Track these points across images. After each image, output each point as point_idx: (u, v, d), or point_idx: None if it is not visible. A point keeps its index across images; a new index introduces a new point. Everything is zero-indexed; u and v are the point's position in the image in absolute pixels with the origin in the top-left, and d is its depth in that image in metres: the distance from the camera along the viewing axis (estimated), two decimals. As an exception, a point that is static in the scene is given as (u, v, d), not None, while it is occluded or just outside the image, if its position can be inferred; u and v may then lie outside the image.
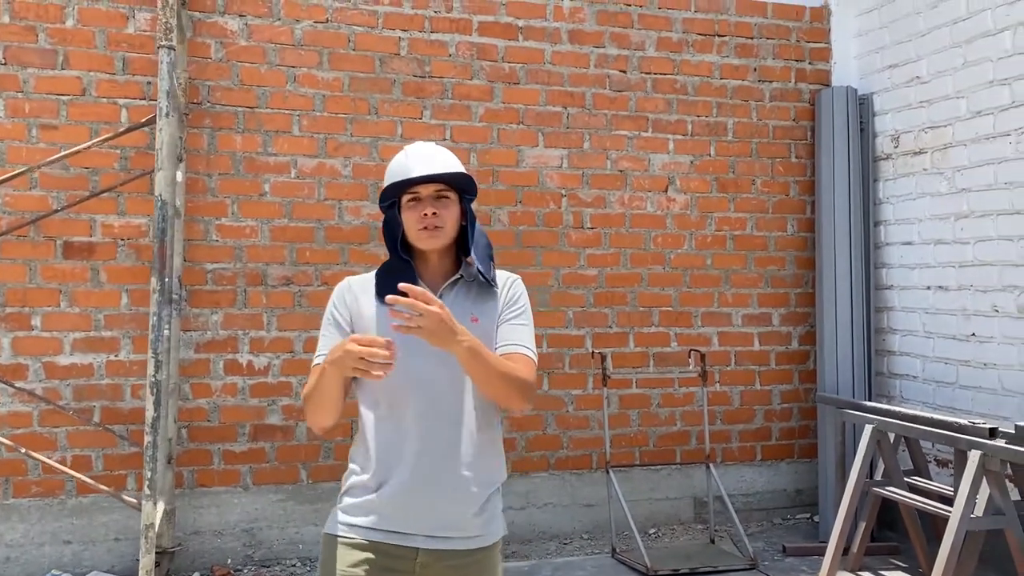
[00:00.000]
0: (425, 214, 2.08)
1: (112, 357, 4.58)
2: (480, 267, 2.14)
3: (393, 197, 2.15)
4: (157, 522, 3.42)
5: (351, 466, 2.14)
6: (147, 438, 3.28)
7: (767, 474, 5.63)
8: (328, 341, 2.11)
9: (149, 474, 3.30)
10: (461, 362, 1.94)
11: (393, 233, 2.15)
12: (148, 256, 4.55)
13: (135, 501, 3.41)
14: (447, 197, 2.13)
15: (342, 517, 2.09)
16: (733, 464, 5.56)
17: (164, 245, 3.40)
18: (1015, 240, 4.51)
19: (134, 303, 4.60)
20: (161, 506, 3.78)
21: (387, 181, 2.15)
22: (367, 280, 2.17)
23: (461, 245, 2.19)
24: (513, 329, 2.13)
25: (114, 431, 4.51)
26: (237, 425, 4.77)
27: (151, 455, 3.29)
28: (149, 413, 3.31)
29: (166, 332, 4.31)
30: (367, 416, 2.10)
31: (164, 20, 3.39)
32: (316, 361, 2.10)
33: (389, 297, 1.87)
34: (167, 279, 4.28)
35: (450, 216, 2.12)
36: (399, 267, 2.13)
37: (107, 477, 4.53)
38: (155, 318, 3.36)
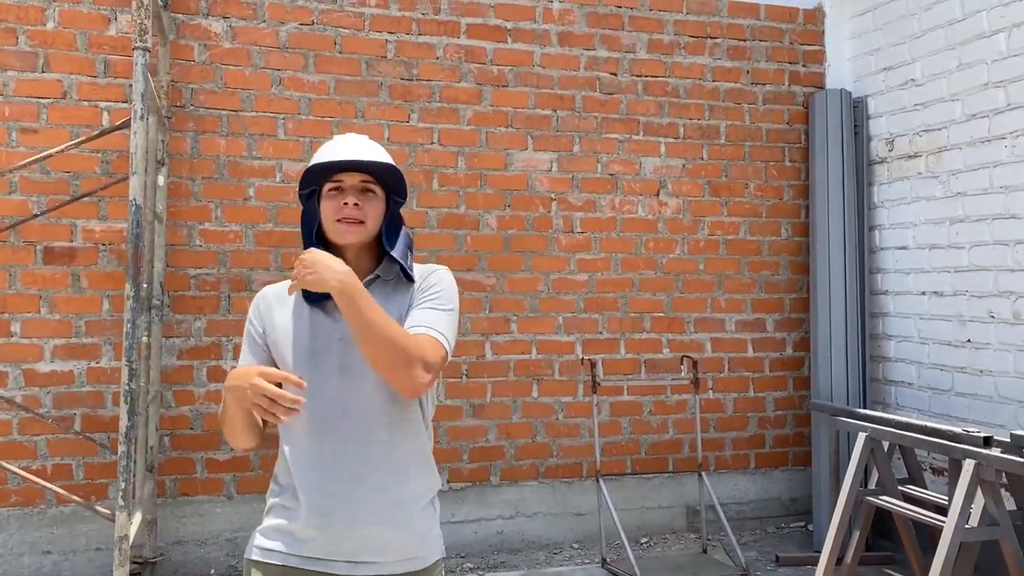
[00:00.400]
0: (345, 203, 1.92)
1: (93, 364, 4.51)
2: (403, 263, 1.99)
3: (314, 185, 1.99)
4: (132, 533, 3.35)
5: (271, 485, 2.01)
6: (121, 448, 3.21)
7: (761, 482, 5.55)
8: (244, 358, 2.00)
9: (123, 484, 3.23)
10: (340, 307, 1.80)
11: (309, 225, 1.99)
12: (130, 261, 4.48)
13: (108, 512, 3.34)
14: (372, 191, 1.98)
15: (259, 540, 1.96)
16: (726, 472, 5.48)
17: (138, 250, 3.33)
18: (1011, 245, 4.44)
19: (115, 309, 4.53)
20: (139, 517, 3.70)
21: (310, 165, 1.99)
22: (282, 288, 2.03)
23: (382, 246, 2.01)
24: (421, 312, 1.93)
25: (95, 439, 4.43)
26: (220, 433, 4.67)
27: (125, 465, 3.22)
28: (123, 422, 3.24)
29: (144, 339, 4.25)
30: (282, 434, 1.98)
31: (139, 21, 3.32)
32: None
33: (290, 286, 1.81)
34: (145, 285, 4.22)
35: (373, 211, 1.96)
36: None
37: (88, 486, 4.46)
38: (129, 325, 3.28)
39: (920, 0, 5.02)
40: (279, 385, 1.76)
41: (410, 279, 2.00)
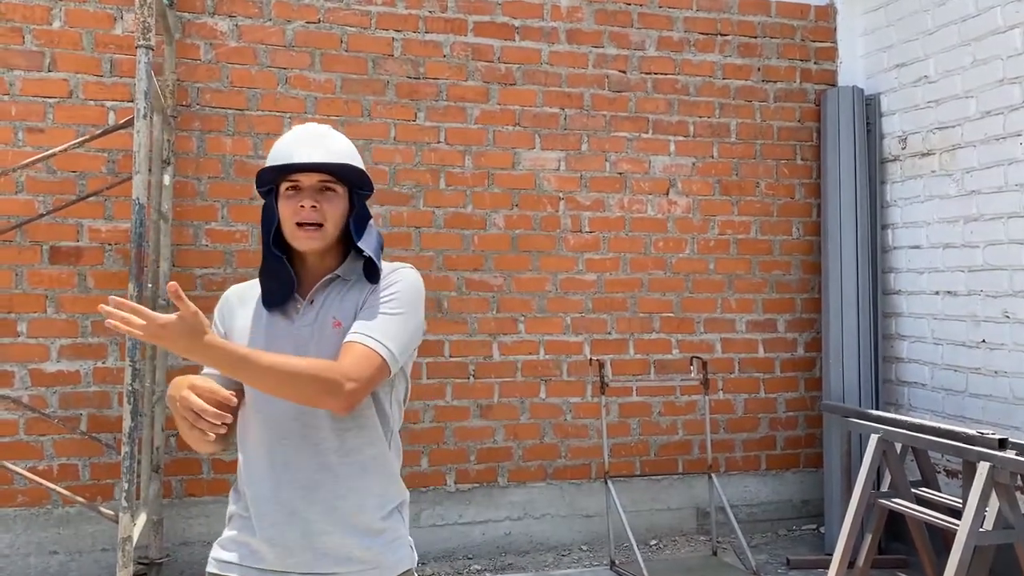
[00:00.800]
0: (302, 206, 1.83)
1: (99, 364, 4.50)
2: (373, 259, 1.89)
3: (271, 183, 1.90)
4: (136, 534, 3.33)
5: (231, 493, 1.96)
6: (124, 448, 3.19)
7: (772, 484, 5.49)
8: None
9: (127, 485, 3.21)
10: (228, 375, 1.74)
11: (268, 225, 1.90)
12: (136, 261, 4.47)
13: (112, 513, 3.32)
14: (332, 190, 1.87)
15: (217, 552, 1.91)
16: (737, 474, 5.43)
17: (142, 250, 3.31)
18: (1026, 243, 4.37)
19: (122, 309, 4.50)
20: (143, 518, 3.68)
21: (268, 163, 1.89)
22: (247, 288, 1.99)
23: (349, 242, 1.92)
24: (362, 319, 1.84)
25: (100, 440, 4.42)
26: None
27: (128, 466, 3.20)
28: (127, 423, 3.22)
29: (151, 339, 4.22)
30: (239, 441, 1.91)
31: (143, 19, 3.30)
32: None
33: (101, 307, 1.65)
34: (150, 285, 4.20)
35: (333, 212, 1.86)
36: (275, 268, 1.89)
37: (94, 487, 4.45)
38: (132, 325, 3.26)
39: (933, -5, 4.95)
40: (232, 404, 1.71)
41: (373, 280, 1.90)
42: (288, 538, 1.82)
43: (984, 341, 4.60)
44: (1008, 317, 4.46)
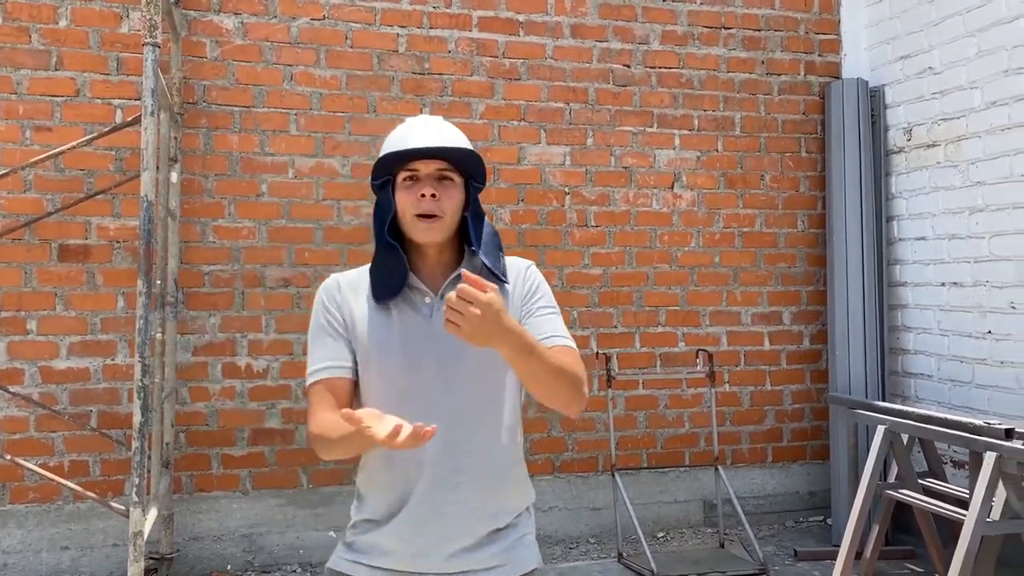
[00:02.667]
0: (423, 195, 1.79)
1: (109, 361, 4.53)
2: (486, 260, 1.85)
3: (388, 174, 1.85)
4: (147, 530, 3.35)
5: (357, 499, 1.94)
6: (135, 443, 3.22)
7: (778, 476, 5.50)
8: (325, 352, 1.84)
9: (137, 480, 3.23)
10: (508, 360, 1.66)
11: (383, 216, 1.85)
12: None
13: (123, 508, 3.34)
14: (450, 179, 1.83)
15: (343, 552, 1.89)
16: (743, 466, 5.44)
17: (150, 247, 3.34)
18: (1032, 234, 4.37)
19: (130, 306, 4.54)
20: (154, 513, 3.71)
21: (382, 153, 1.85)
22: (357, 278, 1.90)
23: (464, 236, 1.88)
24: (544, 321, 1.84)
25: (111, 436, 4.45)
26: (236, 429, 4.70)
27: (139, 461, 3.22)
28: (137, 418, 3.24)
29: (159, 336, 4.26)
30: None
31: (149, 17, 3.32)
32: (313, 377, 1.83)
33: (456, 290, 1.56)
34: (159, 282, 4.23)
35: (451, 202, 1.82)
36: (390, 260, 1.84)
37: (104, 482, 4.48)
38: (141, 321, 3.29)
39: (938, -13, 4.95)
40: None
41: (499, 278, 1.86)
42: (427, 538, 1.80)
43: (990, 332, 4.61)
44: (1014, 308, 4.47)
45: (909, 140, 5.21)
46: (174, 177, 4.50)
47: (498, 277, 1.85)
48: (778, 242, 5.52)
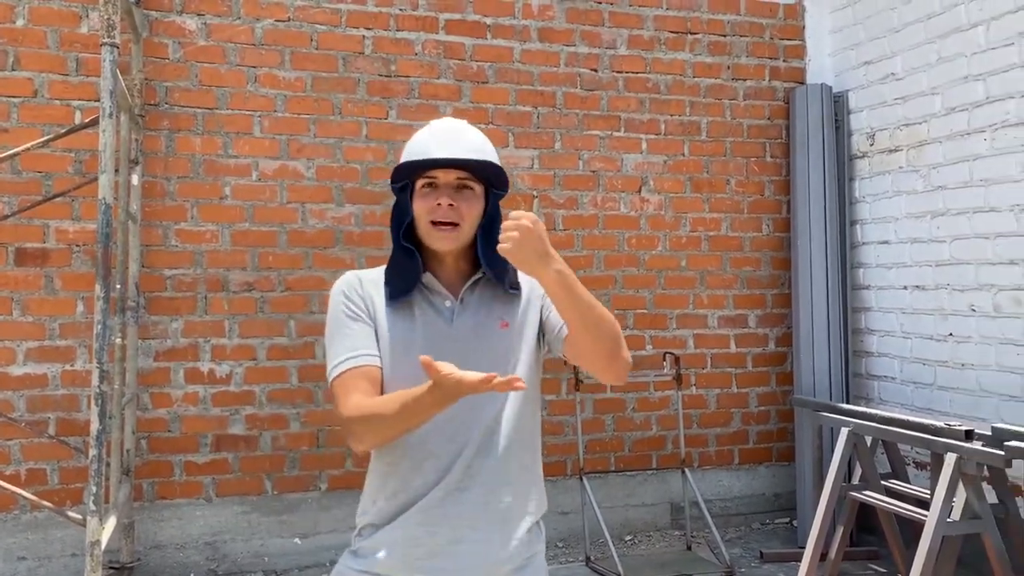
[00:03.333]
0: (439, 204, 1.79)
1: (67, 367, 4.44)
2: (496, 268, 1.85)
3: (407, 179, 1.85)
4: (104, 539, 3.28)
5: (364, 501, 1.90)
6: (92, 451, 3.15)
7: (745, 478, 5.53)
8: (353, 341, 1.80)
9: (95, 489, 3.17)
10: (554, 289, 1.67)
11: (400, 220, 1.86)
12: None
13: (80, 517, 3.27)
14: (470, 188, 1.81)
15: (350, 560, 1.85)
16: (710, 468, 5.46)
17: (108, 251, 3.28)
18: (991, 238, 4.44)
19: (90, 311, 4.45)
20: (113, 521, 3.64)
21: (403, 159, 1.85)
22: (378, 276, 1.90)
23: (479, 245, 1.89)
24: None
25: (69, 443, 4.36)
26: (199, 435, 4.63)
27: (96, 469, 3.16)
28: (94, 426, 3.18)
29: (119, 341, 4.18)
30: (389, 449, 1.85)
31: (107, 17, 3.26)
32: (344, 365, 1.78)
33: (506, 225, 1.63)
34: (119, 286, 4.16)
35: (470, 211, 1.81)
36: (406, 263, 1.85)
37: (63, 491, 4.39)
38: (100, 326, 3.22)
39: (899, -6, 5.01)
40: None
41: (515, 286, 1.88)
42: (437, 540, 1.79)
43: (951, 334, 4.67)
44: (974, 310, 4.53)
45: (872, 145, 5.27)
46: (135, 180, 4.43)
47: (515, 287, 1.88)
48: (744, 246, 5.55)
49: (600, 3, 5.30)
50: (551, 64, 5.22)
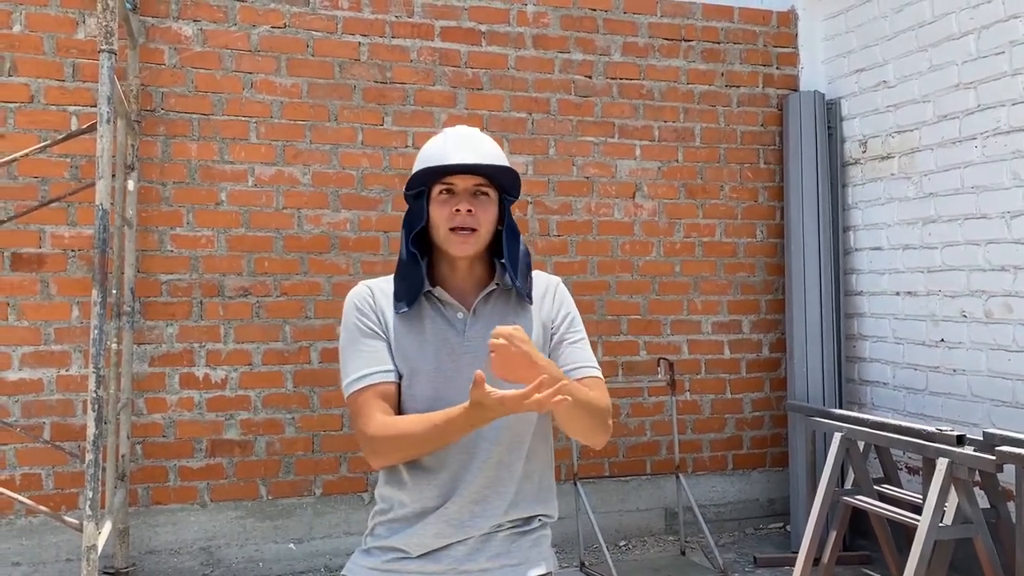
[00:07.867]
0: (458, 210, 1.80)
1: (63, 372, 4.44)
2: (516, 279, 1.87)
3: (422, 185, 1.86)
4: (100, 544, 3.29)
5: (380, 504, 1.92)
6: (89, 456, 3.15)
7: (739, 484, 5.55)
8: (369, 357, 1.82)
9: (91, 494, 3.17)
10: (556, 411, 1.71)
11: (413, 226, 1.86)
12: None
13: (76, 522, 3.28)
14: (485, 194, 1.84)
15: (362, 560, 1.88)
16: (704, 474, 5.48)
17: (105, 256, 3.28)
18: (982, 244, 4.47)
19: (85, 316, 4.46)
20: (108, 526, 3.64)
21: (418, 165, 1.86)
22: (388, 287, 1.91)
23: (495, 251, 1.91)
24: (576, 349, 1.90)
25: (64, 448, 4.35)
26: (194, 440, 4.63)
27: (92, 474, 3.16)
28: (91, 431, 3.18)
29: (114, 346, 4.19)
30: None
31: (105, 23, 3.27)
32: (361, 383, 1.81)
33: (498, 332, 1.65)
34: (114, 291, 4.17)
35: (486, 217, 1.84)
36: (412, 270, 1.86)
37: (58, 496, 4.39)
38: (96, 331, 3.23)
39: (891, 2, 5.05)
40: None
41: (527, 297, 1.90)
42: (449, 551, 1.83)
43: (943, 340, 4.70)
44: (965, 316, 4.56)
45: (864, 152, 5.31)
46: (131, 185, 4.44)
47: (527, 297, 1.91)
48: (737, 252, 5.58)
49: (595, 10, 5.33)
50: (545, 71, 5.25)
